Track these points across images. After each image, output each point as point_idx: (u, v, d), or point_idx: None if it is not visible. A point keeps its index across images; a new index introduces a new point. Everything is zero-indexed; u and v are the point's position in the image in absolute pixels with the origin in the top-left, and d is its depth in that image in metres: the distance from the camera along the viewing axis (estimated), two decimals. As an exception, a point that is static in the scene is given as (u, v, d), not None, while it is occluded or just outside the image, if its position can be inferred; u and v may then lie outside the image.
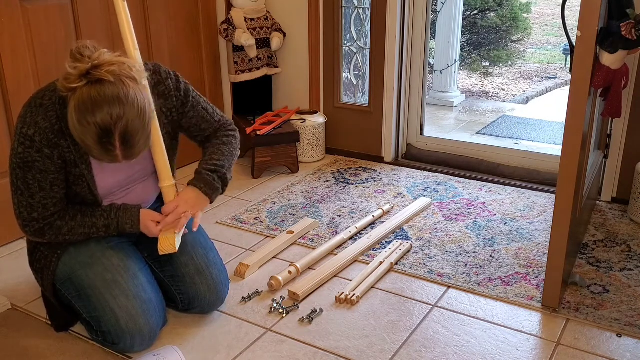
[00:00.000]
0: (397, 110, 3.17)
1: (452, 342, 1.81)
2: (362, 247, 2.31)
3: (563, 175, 1.81)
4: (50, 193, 1.65)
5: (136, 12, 2.82)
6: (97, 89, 1.48)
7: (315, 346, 1.81)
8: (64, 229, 1.71)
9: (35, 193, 1.64)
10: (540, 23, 8.78)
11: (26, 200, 1.65)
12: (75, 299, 1.77)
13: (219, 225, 2.58)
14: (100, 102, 1.47)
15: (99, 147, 1.51)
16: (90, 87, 1.48)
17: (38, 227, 1.69)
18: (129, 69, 1.53)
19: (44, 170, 1.62)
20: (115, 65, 1.51)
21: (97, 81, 1.49)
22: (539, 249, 2.32)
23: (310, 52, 3.22)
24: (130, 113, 1.50)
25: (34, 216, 1.67)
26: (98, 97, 1.47)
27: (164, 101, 1.78)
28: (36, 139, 1.58)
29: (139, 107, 1.52)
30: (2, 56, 2.27)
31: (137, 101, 1.51)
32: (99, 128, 1.48)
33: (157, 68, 1.79)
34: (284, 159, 3.09)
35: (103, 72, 1.48)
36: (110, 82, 1.49)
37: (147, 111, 1.55)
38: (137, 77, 1.54)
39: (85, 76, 1.49)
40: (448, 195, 2.83)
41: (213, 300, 1.90)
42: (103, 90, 1.48)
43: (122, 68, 1.52)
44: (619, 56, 1.86)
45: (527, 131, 4.14)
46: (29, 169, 1.61)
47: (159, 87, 1.77)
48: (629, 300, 1.99)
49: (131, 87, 1.51)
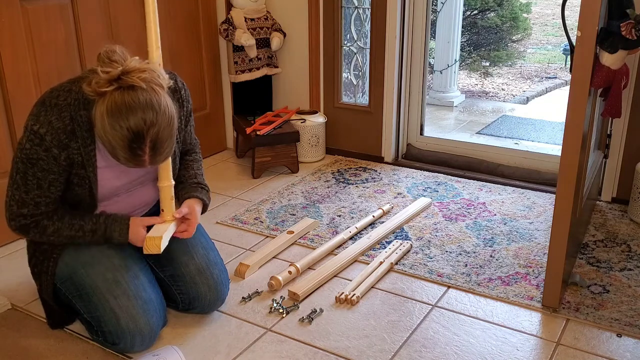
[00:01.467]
0: (397, 110, 3.17)
1: (452, 342, 1.82)
2: (362, 247, 2.31)
3: (563, 175, 1.81)
4: (46, 192, 1.66)
5: (136, 12, 2.82)
6: (130, 95, 1.50)
7: (315, 346, 1.81)
8: (50, 229, 1.71)
9: (31, 190, 1.64)
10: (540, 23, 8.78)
11: (20, 195, 1.66)
12: (76, 299, 1.77)
13: (219, 225, 2.58)
14: (134, 108, 1.49)
15: (128, 151, 1.52)
16: (123, 93, 1.50)
17: (24, 223, 1.69)
18: (157, 77, 1.56)
19: (46, 170, 1.62)
20: (146, 73, 1.53)
21: (129, 87, 1.50)
22: (539, 249, 2.32)
23: (310, 52, 3.22)
24: (162, 120, 1.52)
25: (23, 212, 1.67)
26: (132, 103, 1.49)
27: (179, 108, 1.79)
28: (47, 138, 1.59)
29: (169, 115, 1.55)
30: (2, 56, 2.27)
31: (167, 109, 1.54)
32: (131, 132, 1.49)
33: (174, 76, 1.82)
34: (284, 159, 3.10)
35: (135, 79, 1.50)
36: (142, 88, 1.51)
37: (175, 119, 1.58)
38: (164, 85, 1.57)
39: (117, 81, 1.51)
40: (448, 195, 2.83)
41: (213, 300, 1.90)
42: (137, 95, 1.50)
43: (153, 76, 1.54)
44: (619, 56, 1.86)
45: (527, 131, 4.14)
46: (32, 166, 1.62)
47: (175, 94, 1.80)
48: (629, 300, 1.99)
49: (162, 94, 1.55)
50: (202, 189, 1.91)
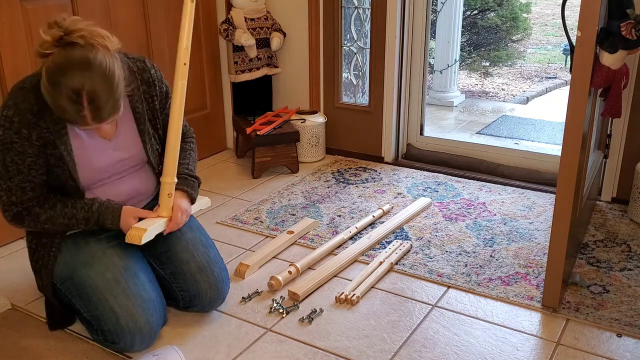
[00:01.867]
0: (397, 110, 3.17)
1: (452, 342, 1.82)
2: (362, 247, 2.31)
3: (563, 175, 1.81)
4: (27, 176, 1.67)
5: (136, 12, 2.82)
6: (67, 52, 1.54)
7: (315, 346, 1.81)
8: (42, 216, 1.72)
9: (14, 176, 1.66)
10: (540, 23, 8.78)
11: (5, 184, 1.68)
12: (76, 298, 1.77)
13: (219, 225, 2.58)
14: (70, 64, 1.53)
15: (68, 108, 1.55)
16: (61, 51, 1.54)
17: (17, 210, 1.70)
18: (100, 37, 1.59)
19: (22, 152, 1.64)
20: (86, 31, 1.57)
21: (68, 44, 1.55)
22: (539, 249, 2.32)
23: (310, 52, 3.22)
24: (97, 74, 1.54)
25: (12, 200, 1.69)
26: (67, 59, 1.54)
27: (147, 87, 1.82)
28: (15, 120, 1.62)
29: (106, 69, 1.56)
30: (2, 56, 2.27)
31: (104, 63, 1.56)
32: (67, 88, 1.52)
33: (142, 58, 1.85)
34: (284, 159, 3.09)
35: (74, 36, 1.55)
36: (80, 45, 1.55)
37: (116, 75, 1.58)
38: (109, 45, 1.59)
39: (59, 41, 1.55)
40: (448, 195, 2.83)
41: (214, 298, 1.90)
42: (73, 53, 1.54)
43: (94, 34, 1.58)
44: (619, 56, 1.86)
45: (527, 131, 4.14)
46: (8, 151, 1.64)
47: (143, 73, 1.82)
48: (629, 300, 1.99)
49: (100, 51, 1.57)
50: (189, 180, 1.89)
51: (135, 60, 1.81)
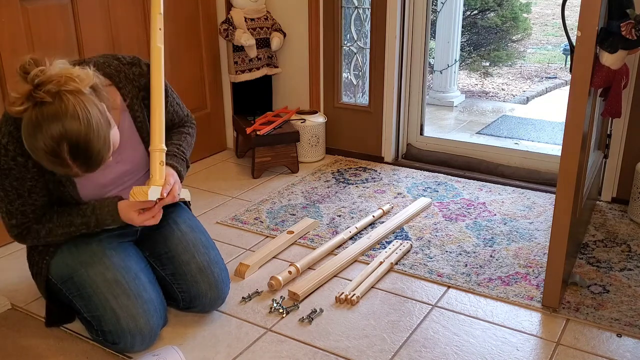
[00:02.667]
0: (397, 110, 3.17)
1: (452, 342, 1.82)
2: (362, 247, 2.31)
3: (563, 175, 1.81)
4: (28, 200, 1.66)
5: (136, 12, 2.82)
6: (36, 112, 1.45)
7: (315, 346, 1.81)
8: (42, 231, 1.72)
9: (14, 200, 1.66)
10: (540, 23, 8.78)
11: (5, 207, 1.67)
12: (76, 298, 1.77)
13: (219, 225, 2.58)
14: (40, 125, 1.44)
15: (55, 167, 1.50)
16: (33, 111, 1.46)
17: (17, 232, 1.71)
18: (71, 82, 1.47)
19: (20, 178, 1.63)
20: (53, 83, 1.46)
21: (38, 104, 1.46)
22: (539, 249, 2.32)
23: (310, 52, 3.22)
24: (71, 127, 1.44)
25: (12, 222, 1.69)
26: (37, 121, 1.44)
27: (146, 93, 1.75)
28: (9, 148, 1.59)
29: (81, 119, 1.45)
30: (2, 56, 2.27)
31: (77, 114, 1.45)
32: (45, 152, 1.46)
33: (137, 61, 1.79)
34: (284, 159, 3.09)
35: (41, 94, 1.45)
36: (49, 102, 1.44)
37: (94, 120, 1.47)
38: (80, 89, 1.48)
39: (29, 99, 1.47)
40: (448, 195, 2.83)
41: (214, 299, 1.90)
42: (42, 112, 1.44)
43: (61, 83, 1.47)
44: (619, 56, 1.86)
45: (527, 131, 4.14)
46: (6, 176, 1.63)
47: (141, 79, 1.76)
48: (629, 300, 1.99)
49: (70, 101, 1.45)
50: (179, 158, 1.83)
51: (130, 65, 1.76)
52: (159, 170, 1.67)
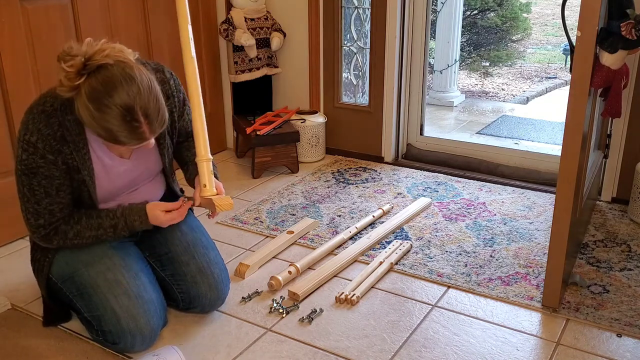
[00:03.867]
0: (397, 110, 3.17)
1: (452, 342, 1.82)
2: (362, 247, 2.31)
3: (563, 175, 1.81)
4: (56, 199, 1.66)
5: (136, 12, 2.82)
6: (103, 75, 1.49)
7: (315, 346, 1.81)
8: (70, 233, 1.71)
9: (41, 199, 1.64)
10: (540, 23, 8.78)
11: (32, 207, 1.66)
12: (77, 298, 1.77)
13: (219, 225, 2.58)
14: (113, 84, 1.49)
15: (125, 127, 1.51)
16: (95, 76, 1.50)
17: (45, 233, 1.69)
18: (120, 51, 1.55)
19: (49, 176, 1.62)
20: (107, 50, 1.52)
21: (98, 68, 1.50)
22: (539, 249, 2.32)
23: (310, 52, 3.22)
24: (142, 86, 1.52)
25: (40, 222, 1.68)
26: (108, 81, 1.49)
27: (166, 99, 1.76)
28: (39, 146, 1.59)
29: (147, 80, 1.54)
30: (2, 56, 2.27)
31: (143, 76, 1.54)
32: (121, 108, 1.49)
33: (160, 67, 1.80)
34: (284, 159, 3.10)
35: (99, 58, 1.50)
36: (111, 64, 1.50)
37: (154, 84, 1.57)
38: (131, 57, 1.56)
39: (84, 69, 1.50)
40: (448, 195, 2.83)
41: (214, 299, 1.90)
42: (109, 72, 1.50)
43: (114, 51, 1.54)
44: (619, 56, 1.86)
45: (527, 131, 4.14)
46: (34, 175, 1.62)
47: (163, 86, 1.76)
48: (629, 300, 1.99)
49: (131, 65, 1.53)
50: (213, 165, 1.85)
51: (155, 71, 1.76)
52: (210, 179, 1.72)
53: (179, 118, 1.86)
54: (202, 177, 1.71)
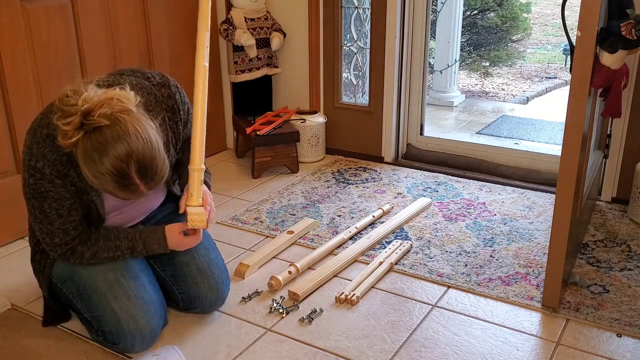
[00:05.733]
0: (397, 110, 3.17)
1: (452, 342, 1.82)
2: (362, 247, 2.31)
3: (563, 175, 1.81)
4: (68, 218, 1.65)
5: (136, 12, 2.82)
6: (96, 137, 1.45)
7: (315, 346, 1.81)
8: (87, 254, 1.71)
9: (54, 220, 1.64)
10: (540, 23, 8.78)
11: (46, 228, 1.65)
12: (77, 298, 1.77)
13: (219, 225, 2.58)
14: (105, 148, 1.44)
15: (121, 190, 1.50)
16: (90, 137, 1.45)
17: (61, 252, 1.69)
18: (119, 103, 1.48)
19: (59, 199, 1.61)
20: (105, 106, 1.46)
21: (95, 129, 1.45)
22: (539, 249, 2.32)
23: (310, 52, 3.22)
24: (136, 146, 1.46)
25: (55, 242, 1.67)
26: (100, 145, 1.44)
27: (172, 114, 1.75)
28: (46, 171, 1.57)
29: (143, 138, 1.48)
30: (2, 56, 2.27)
31: (139, 133, 1.47)
32: (113, 174, 1.46)
33: (166, 81, 1.76)
34: (284, 159, 3.09)
35: (96, 119, 1.45)
36: (107, 125, 1.45)
37: (153, 138, 1.51)
38: (130, 108, 1.50)
39: (82, 127, 1.46)
40: (448, 195, 2.83)
41: (214, 300, 1.90)
42: (103, 136, 1.44)
43: (112, 105, 1.47)
44: (619, 56, 1.86)
45: (527, 131, 4.14)
46: (44, 199, 1.61)
47: (168, 101, 1.74)
48: (629, 300, 1.99)
49: (128, 121, 1.47)
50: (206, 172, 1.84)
51: (160, 85, 1.73)
52: (198, 190, 1.70)
53: (183, 128, 1.83)
54: (190, 186, 1.70)
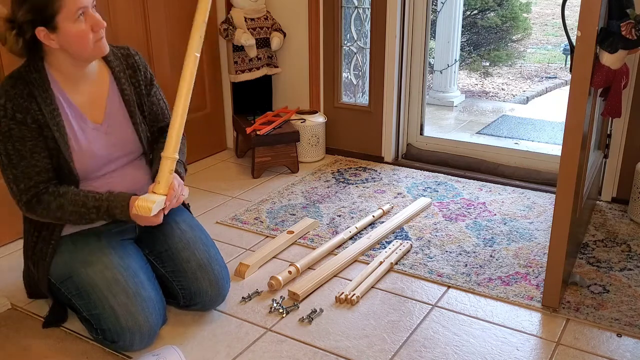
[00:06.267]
0: (397, 110, 3.17)
1: (452, 342, 1.82)
2: (362, 247, 2.31)
3: (563, 175, 1.81)
4: (31, 161, 1.68)
5: (136, 12, 2.82)
6: None
7: (315, 346, 1.81)
8: (53, 204, 1.71)
9: (17, 163, 1.68)
10: (540, 23, 8.78)
11: (11, 173, 1.69)
12: (75, 297, 1.77)
13: (219, 225, 2.58)
14: None
15: None
16: None
17: (27, 199, 1.70)
18: None
19: (21, 137, 1.67)
20: None
21: None
22: (539, 249, 2.32)
23: (310, 52, 3.22)
24: None
25: (21, 187, 1.70)
26: None
27: (132, 72, 1.87)
28: (8, 106, 1.65)
29: None
30: (2, 56, 2.27)
31: None
32: None
33: (126, 47, 1.92)
34: (284, 159, 3.10)
35: None
36: None
37: None
38: None
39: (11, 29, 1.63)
40: (448, 195, 2.83)
41: (215, 296, 1.90)
42: None
43: None
44: (619, 56, 1.86)
45: (527, 131, 4.14)
46: (8, 139, 1.67)
47: (128, 59, 1.88)
48: (629, 300, 1.99)
49: None
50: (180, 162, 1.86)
51: (119, 47, 1.88)
52: (166, 179, 1.70)
53: (147, 94, 1.91)
54: (159, 174, 1.70)
